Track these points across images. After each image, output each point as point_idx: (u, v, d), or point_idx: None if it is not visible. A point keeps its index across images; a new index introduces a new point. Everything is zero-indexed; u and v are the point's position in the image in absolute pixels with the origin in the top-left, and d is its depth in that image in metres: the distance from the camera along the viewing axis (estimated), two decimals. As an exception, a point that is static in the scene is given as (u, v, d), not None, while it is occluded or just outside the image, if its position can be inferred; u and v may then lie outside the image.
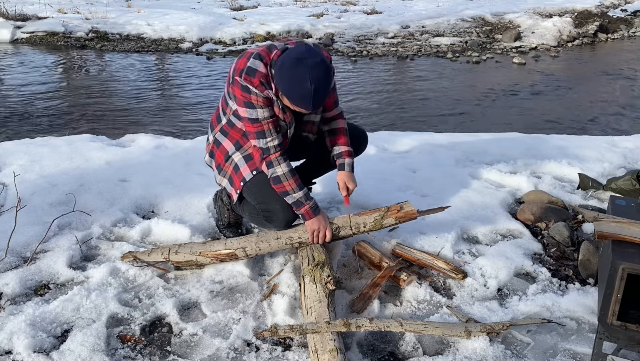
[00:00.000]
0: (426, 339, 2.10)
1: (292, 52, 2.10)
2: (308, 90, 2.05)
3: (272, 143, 2.26)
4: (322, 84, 2.07)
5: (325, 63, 2.09)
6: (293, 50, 2.11)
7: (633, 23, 13.02)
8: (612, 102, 7.33)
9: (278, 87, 2.15)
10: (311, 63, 2.04)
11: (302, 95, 2.07)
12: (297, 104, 2.14)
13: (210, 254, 2.42)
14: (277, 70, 2.11)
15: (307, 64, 2.04)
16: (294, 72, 2.05)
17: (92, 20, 11.59)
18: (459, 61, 9.80)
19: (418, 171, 3.58)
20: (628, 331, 1.83)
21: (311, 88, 2.04)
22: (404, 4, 14.78)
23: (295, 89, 2.07)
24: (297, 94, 2.08)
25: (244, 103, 2.20)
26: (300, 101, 2.10)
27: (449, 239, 2.69)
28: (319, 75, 2.05)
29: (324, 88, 2.09)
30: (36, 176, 3.26)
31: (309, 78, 2.03)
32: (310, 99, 2.07)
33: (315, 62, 2.05)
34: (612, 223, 2.03)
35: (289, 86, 2.09)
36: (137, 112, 6.76)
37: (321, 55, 2.10)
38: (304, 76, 2.03)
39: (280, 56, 2.14)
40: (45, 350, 1.99)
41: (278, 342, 2.07)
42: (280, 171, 2.28)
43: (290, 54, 2.09)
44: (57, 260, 2.46)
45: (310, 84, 2.03)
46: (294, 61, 2.05)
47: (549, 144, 4.18)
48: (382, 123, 6.42)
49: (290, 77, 2.06)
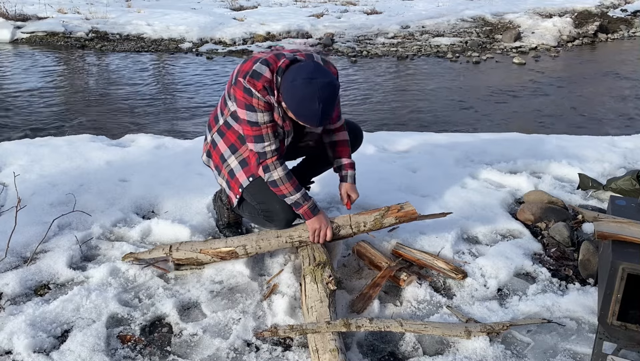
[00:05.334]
0: (426, 339, 2.10)
1: (303, 71, 2.10)
2: (315, 110, 2.08)
3: (269, 148, 2.26)
4: (329, 104, 2.10)
5: (334, 84, 2.11)
6: (303, 68, 2.11)
7: (633, 23, 13.02)
8: (612, 103, 7.33)
9: (286, 104, 2.17)
10: (321, 84, 2.06)
11: (309, 114, 2.11)
12: (303, 121, 2.18)
13: (210, 252, 2.42)
14: (287, 87, 2.12)
15: (317, 84, 2.06)
16: (304, 91, 2.07)
17: (92, 20, 11.59)
18: (459, 61, 9.79)
19: (418, 171, 3.58)
20: (628, 331, 1.84)
21: (319, 108, 2.07)
22: (404, 4, 14.77)
23: (303, 109, 2.11)
24: (304, 113, 2.12)
25: (245, 105, 2.20)
26: (307, 119, 2.15)
27: (449, 239, 2.69)
28: (327, 96, 2.08)
29: (331, 108, 2.13)
30: (36, 176, 3.26)
31: (317, 98, 2.06)
32: (317, 118, 2.11)
33: (325, 82, 2.07)
34: (612, 223, 2.03)
35: (297, 105, 2.12)
36: (137, 112, 6.76)
37: (330, 76, 2.12)
38: (312, 96, 2.06)
39: (289, 71, 2.14)
40: (45, 350, 1.99)
41: (278, 342, 2.07)
42: (276, 175, 2.28)
43: (301, 73, 2.09)
44: (57, 260, 2.47)
45: (318, 105, 2.06)
46: (305, 80, 2.06)
47: (549, 144, 4.18)
48: (382, 123, 6.41)
49: (299, 96, 2.08)
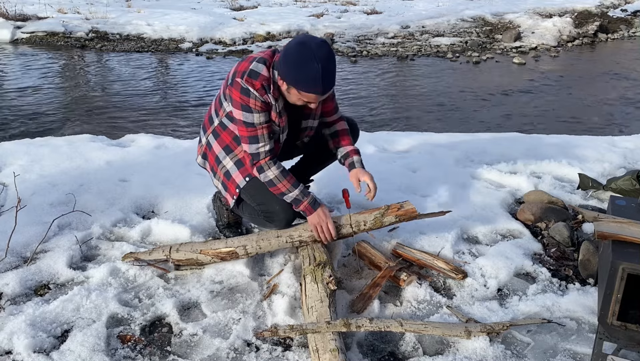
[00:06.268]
0: (426, 339, 2.10)
1: (294, 40, 2.13)
2: (316, 70, 2.04)
3: (263, 149, 2.26)
4: (328, 63, 2.07)
5: (327, 44, 2.11)
6: (294, 39, 2.14)
7: (633, 23, 13.02)
8: (612, 103, 7.33)
9: (284, 78, 2.14)
10: (315, 44, 2.06)
11: (311, 77, 2.06)
12: (307, 89, 2.11)
13: (211, 252, 2.42)
14: (282, 59, 2.12)
15: (311, 45, 2.05)
16: (299, 55, 2.06)
17: (92, 20, 11.58)
18: (459, 61, 9.80)
19: (418, 171, 3.58)
20: (628, 331, 1.83)
21: (318, 67, 2.04)
22: (404, 4, 14.77)
23: (303, 72, 2.06)
24: (305, 76, 2.07)
25: (241, 106, 2.20)
26: (310, 84, 2.08)
27: (449, 239, 2.69)
28: (324, 54, 2.06)
29: (332, 67, 2.09)
30: (36, 176, 3.26)
31: (315, 58, 2.03)
32: (319, 79, 2.06)
33: (318, 43, 2.07)
34: (612, 223, 2.03)
35: (297, 71, 2.08)
36: (137, 112, 6.76)
37: (322, 38, 2.13)
38: (309, 56, 2.03)
39: (281, 50, 2.16)
40: (45, 350, 1.98)
41: (278, 342, 2.07)
42: (271, 174, 2.28)
43: (292, 42, 2.12)
44: (57, 260, 2.46)
45: (317, 64, 2.03)
46: (298, 45, 2.07)
47: (549, 144, 4.18)
48: (382, 123, 6.42)
49: (296, 60, 2.06)
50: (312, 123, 2.44)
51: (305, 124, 2.43)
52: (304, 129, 2.45)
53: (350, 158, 2.45)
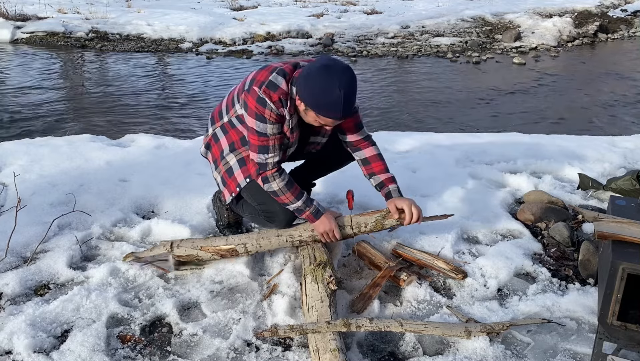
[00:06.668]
0: (426, 339, 2.10)
1: (317, 62, 2.06)
2: (337, 96, 1.99)
3: (272, 160, 2.24)
4: (350, 89, 2.03)
5: (351, 69, 2.06)
6: (316, 62, 2.07)
7: (633, 23, 13.02)
8: (612, 102, 7.33)
9: (304, 101, 2.09)
10: (339, 69, 2.01)
11: (332, 102, 2.02)
12: (325, 113, 2.07)
13: (211, 249, 2.42)
14: (303, 80, 2.07)
15: (336, 70, 2.01)
16: (322, 80, 2.00)
17: (92, 20, 11.59)
18: (459, 61, 9.80)
19: (418, 171, 3.57)
20: (628, 331, 1.83)
21: (341, 94, 1.99)
22: (404, 4, 14.77)
23: (325, 97, 2.02)
24: (326, 102, 2.03)
25: (256, 115, 2.16)
26: (330, 108, 2.04)
27: (449, 239, 2.69)
28: (347, 81, 2.01)
29: (352, 94, 2.06)
30: (36, 176, 3.25)
31: (338, 84, 1.98)
32: (340, 105, 2.02)
33: (342, 67, 2.03)
34: (612, 223, 2.03)
35: (318, 95, 2.03)
36: (137, 112, 6.76)
37: (346, 64, 2.08)
38: (332, 82, 1.99)
39: (302, 70, 2.10)
40: (45, 350, 1.98)
41: (278, 342, 2.07)
42: (276, 186, 2.27)
43: (315, 64, 2.05)
44: (57, 260, 2.46)
45: (339, 90, 1.99)
46: (322, 68, 2.01)
47: (549, 144, 4.18)
48: (382, 123, 6.42)
49: (318, 85, 2.01)
50: (321, 140, 2.43)
51: (314, 140, 2.42)
52: (310, 144, 2.45)
53: (386, 188, 2.38)
